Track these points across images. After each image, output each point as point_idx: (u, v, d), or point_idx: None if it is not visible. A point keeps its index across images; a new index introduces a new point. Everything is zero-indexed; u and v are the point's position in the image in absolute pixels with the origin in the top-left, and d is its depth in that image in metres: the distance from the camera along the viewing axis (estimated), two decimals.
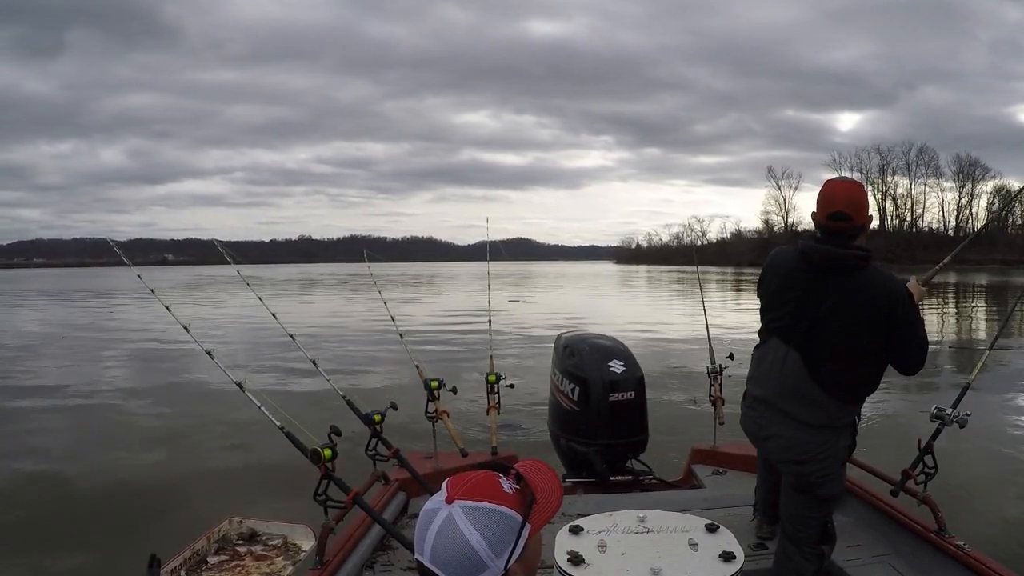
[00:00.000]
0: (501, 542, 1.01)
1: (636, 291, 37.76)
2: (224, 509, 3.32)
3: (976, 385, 2.81)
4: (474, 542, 1.00)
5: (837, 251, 2.15)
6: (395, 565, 2.64)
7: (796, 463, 2.24)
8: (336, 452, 2.41)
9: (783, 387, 2.23)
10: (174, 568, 2.58)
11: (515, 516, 1.04)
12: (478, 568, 1.00)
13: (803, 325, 2.19)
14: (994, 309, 21.59)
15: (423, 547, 1.03)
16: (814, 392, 2.17)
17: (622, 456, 3.60)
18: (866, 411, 7.16)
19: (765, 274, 2.41)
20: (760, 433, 2.36)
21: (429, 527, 1.02)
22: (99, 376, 10.80)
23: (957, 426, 2.52)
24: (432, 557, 1.01)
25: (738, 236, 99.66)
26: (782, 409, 2.24)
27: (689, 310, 19.53)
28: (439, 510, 1.03)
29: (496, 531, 1.01)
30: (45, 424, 7.67)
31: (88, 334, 17.05)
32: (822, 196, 2.22)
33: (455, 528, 1.01)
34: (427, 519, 1.04)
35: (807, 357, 2.18)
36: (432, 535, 1.01)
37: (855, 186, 2.27)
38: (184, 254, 51.64)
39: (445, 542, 1.00)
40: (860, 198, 2.22)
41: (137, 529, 4.55)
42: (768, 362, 2.30)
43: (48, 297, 35.32)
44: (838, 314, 2.13)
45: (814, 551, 2.27)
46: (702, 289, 5.79)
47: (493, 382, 3.82)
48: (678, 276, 50.61)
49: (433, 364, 6.33)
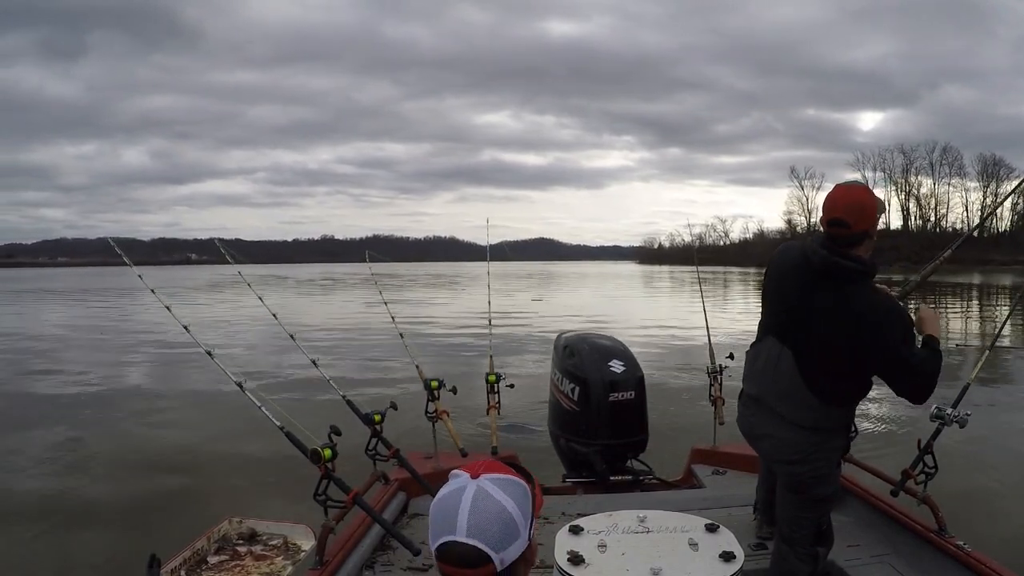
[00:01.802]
0: (527, 510, 1.05)
1: (658, 291, 37.61)
2: (224, 509, 3.32)
3: (976, 385, 2.81)
4: (510, 508, 1.03)
5: (832, 259, 2.09)
6: (395, 565, 2.64)
7: (788, 463, 2.23)
8: (336, 452, 2.41)
9: (776, 387, 2.22)
10: (174, 568, 2.58)
11: (528, 489, 1.08)
12: (513, 535, 1.03)
13: (797, 325, 2.17)
14: (1006, 309, 21.56)
15: (454, 526, 1.01)
16: (804, 394, 2.15)
17: (622, 456, 3.60)
18: (866, 411, 7.20)
19: (769, 268, 2.40)
20: (753, 432, 2.35)
21: (460, 504, 1.02)
22: (99, 376, 10.80)
23: (957, 426, 2.52)
24: (469, 530, 1.01)
25: (761, 236, 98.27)
26: (774, 409, 2.23)
27: (710, 309, 19.64)
28: (465, 487, 1.04)
29: (522, 500, 1.05)
30: (44, 424, 7.66)
31: (89, 334, 17.06)
32: (826, 200, 2.19)
33: (489, 497, 1.02)
34: (453, 499, 1.03)
35: (799, 357, 2.16)
36: (466, 509, 1.01)
37: (859, 192, 2.19)
38: (207, 253, 51.96)
39: (483, 511, 1.01)
40: (863, 205, 2.13)
41: (137, 529, 4.55)
42: (762, 360, 2.29)
43: (59, 296, 35.34)
44: (826, 322, 2.10)
45: (808, 552, 2.26)
46: (702, 289, 5.79)
47: (493, 382, 3.82)
48: (701, 276, 50.37)
49: (441, 364, 6.33)
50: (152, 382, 10.32)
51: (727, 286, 36.01)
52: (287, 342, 3.64)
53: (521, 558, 1.05)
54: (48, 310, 26.93)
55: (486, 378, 3.84)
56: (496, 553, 1.00)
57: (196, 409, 8.17)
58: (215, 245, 4.49)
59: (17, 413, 8.22)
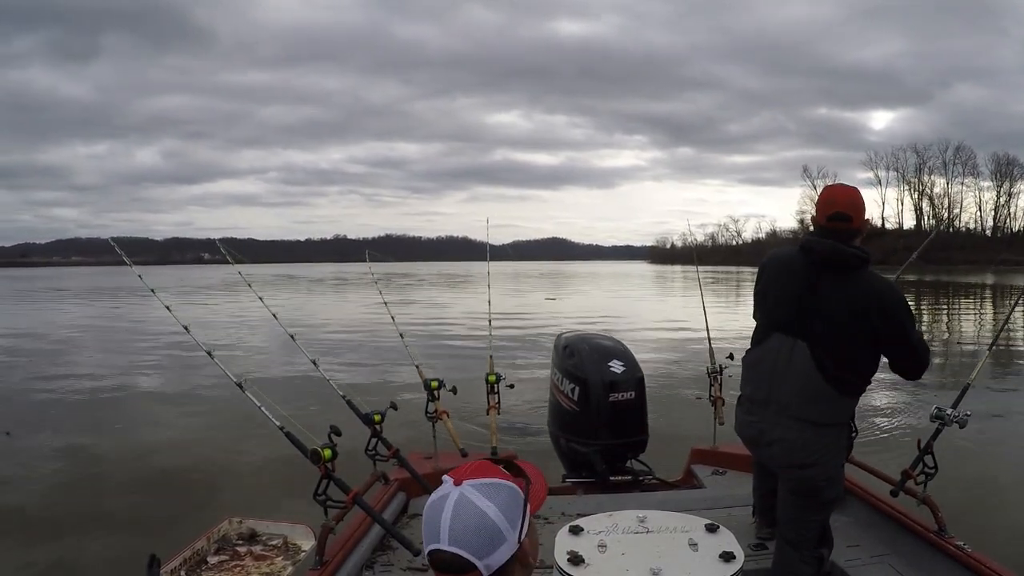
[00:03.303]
0: (513, 514, 1.04)
1: (669, 291, 37.50)
2: (224, 509, 3.32)
3: (976, 385, 2.81)
4: (492, 514, 1.02)
5: (838, 246, 2.19)
6: (395, 565, 2.64)
7: (800, 467, 2.23)
8: (336, 452, 2.41)
9: (789, 384, 2.22)
10: (174, 568, 2.58)
11: (519, 490, 1.07)
12: (497, 540, 1.02)
13: (806, 315, 2.21)
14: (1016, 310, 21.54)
15: (438, 533, 1.02)
16: (820, 385, 2.17)
17: (622, 456, 3.60)
18: (866, 411, 7.19)
19: (764, 270, 2.43)
20: (762, 439, 2.33)
21: (442, 513, 1.02)
22: (100, 376, 10.80)
23: (957, 426, 2.52)
24: (451, 538, 1.01)
25: (774, 236, 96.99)
26: (787, 408, 2.23)
27: (720, 309, 19.86)
28: (448, 494, 1.03)
29: (508, 503, 1.04)
30: (44, 424, 7.66)
31: (90, 334, 17.07)
32: (822, 199, 2.30)
33: (470, 504, 1.02)
34: (437, 508, 1.04)
35: (813, 347, 2.19)
36: (447, 517, 1.02)
37: (854, 190, 2.32)
38: (220, 253, 51.88)
39: (463, 519, 1.01)
40: (859, 202, 2.28)
41: (136, 529, 4.55)
42: (770, 361, 2.28)
43: (65, 296, 35.33)
44: (832, 310, 2.17)
45: (813, 555, 2.26)
46: (701, 289, 5.78)
47: (493, 382, 3.82)
48: (713, 276, 50.07)
49: (446, 365, 6.33)
50: (153, 382, 10.31)
51: (739, 285, 35.88)
52: (289, 342, 3.64)
53: (514, 560, 1.05)
54: (54, 309, 26.93)
55: (486, 378, 3.83)
56: (480, 560, 1.01)
57: (197, 409, 8.17)
58: (227, 245, 4.49)
59: (17, 413, 8.21)
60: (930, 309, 22.16)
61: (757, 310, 2.45)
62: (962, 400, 2.64)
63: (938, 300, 25.73)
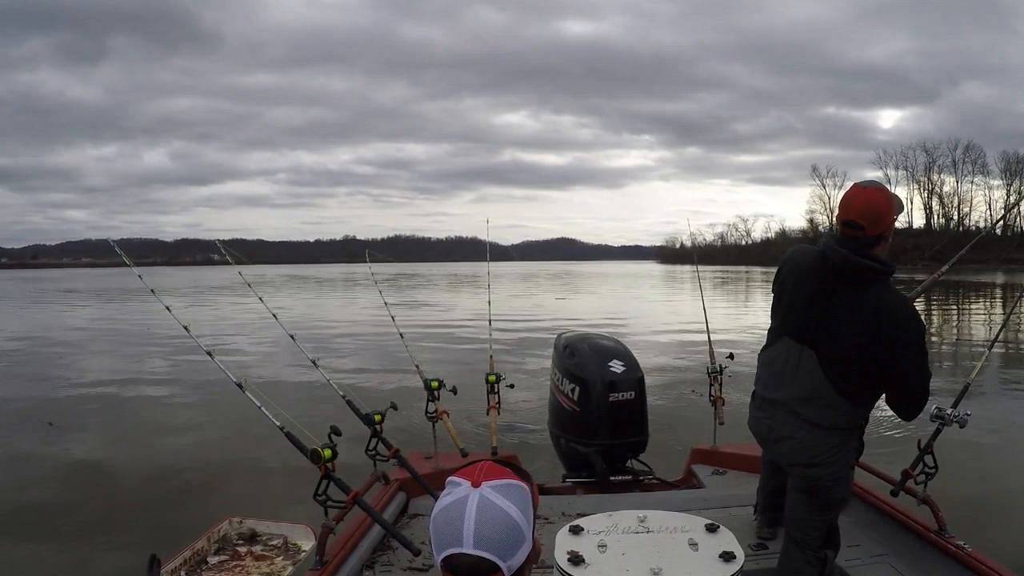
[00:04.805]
0: (528, 514, 1.05)
1: (678, 291, 37.32)
2: (224, 509, 3.32)
3: (976, 384, 2.81)
4: (514, 514, 1.02)
5: (853, 258, 2.07)
6: (395, 565, 2.63)
7: (808, 465, 2.22)
8: (336, 452, 2.41)
9: (799, 389, 2.20)
10: (174, 568, 2.58)
11: (528, 490, 1.08)
12: (519, 540, 1.02)
13: (817, 324, 2.16)
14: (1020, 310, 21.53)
15: (460, 536, 1.00)
16: (829, 394, 2.14)
17: (622, 456, 3.60)
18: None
19: (782, 269, 2.38)
20: (770, 435, 2.33)
21: (464, 515, 1.01)
22: (100, 376, 10.80)
23: (957, 426, 2.52)
24: (477, 541, 0.99)
25: (783, 235, 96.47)
26: (796, 411, 2.21)
27: (730, 310, 19.85)
28: (468, 496, 1.02)
29: (524, 504, 1.05)
30: (44, 424, 7.66)
31: (92, 335, 17.06)
32: (842, 201, 2.16)
33: (494, 506, 1.01)
34: (457, 509, 1.02)
35: (822, 357, 2.15)
36: (471, 520, 1.00)
37: (874, 195, 2.12)
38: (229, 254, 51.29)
39: (489, 521, 1.00)
40: (879, 208, 2.09)
41: (137, 529, 4.56)
42: (780, 363, 2.27)
43: (73, 297, 35.30)
44: (846, 321, 2.09)
45: (818, 555, 2.26)
46: (702, 289, 5.78)
47: (493, 382, 3.82)
48: (723, 277, 49.85)
49: (453, 366, 6.33)
50: (154, 382, 10.31)
51: (748, 285, 35.80)
52: (290, 342, 3.65)
53: (529, 560, 1.05)
54: (59, 311, 26.91)
55: (486, 378, 3.83)
56: (504, 562, 1.00)
57: (197, 409, 8.17)
58: (236, 245, 4.49)
59: (17, 413, 8.21)
60: (938, 309, 22.14)
61: (773, 309, 2.42)
62: (962, 400, 2.64)
63: (947, 299, 25.68)
